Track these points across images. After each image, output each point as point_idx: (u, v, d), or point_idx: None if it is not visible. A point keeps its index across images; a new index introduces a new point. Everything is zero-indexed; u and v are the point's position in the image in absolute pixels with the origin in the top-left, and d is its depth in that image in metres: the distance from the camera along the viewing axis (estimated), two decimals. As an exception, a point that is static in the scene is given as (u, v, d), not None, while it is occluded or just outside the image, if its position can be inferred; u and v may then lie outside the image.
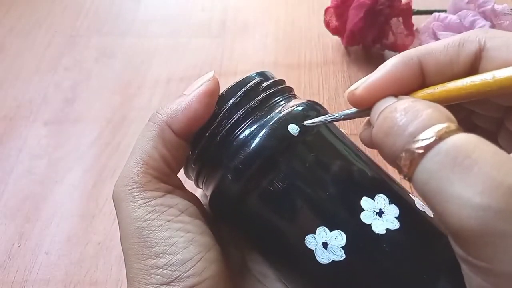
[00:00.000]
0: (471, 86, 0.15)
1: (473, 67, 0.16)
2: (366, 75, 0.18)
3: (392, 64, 0.17)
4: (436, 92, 0.16)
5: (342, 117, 0.19)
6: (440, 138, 0.13)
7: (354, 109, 0.19)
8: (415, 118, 0.14)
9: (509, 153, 0.13)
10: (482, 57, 0.16)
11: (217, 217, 0.23)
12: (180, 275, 0.19)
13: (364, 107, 0.18)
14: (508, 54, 0.15)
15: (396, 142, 0.14)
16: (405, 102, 0.15)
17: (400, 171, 0.15)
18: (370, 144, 0.18)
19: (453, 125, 0.14)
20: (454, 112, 0.15)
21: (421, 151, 0.13)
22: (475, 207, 0.12)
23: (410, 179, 0.14)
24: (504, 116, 0.19)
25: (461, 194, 0.12)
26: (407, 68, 0.17)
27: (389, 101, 0.16)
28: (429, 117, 0.14)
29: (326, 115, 0.20)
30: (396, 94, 0.17)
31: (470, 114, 0.21)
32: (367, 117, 0.18)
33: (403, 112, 0.15)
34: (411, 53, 0.17)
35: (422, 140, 0.13)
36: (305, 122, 0.20)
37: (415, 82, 0.17)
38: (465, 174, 0.12)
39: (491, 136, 0.20)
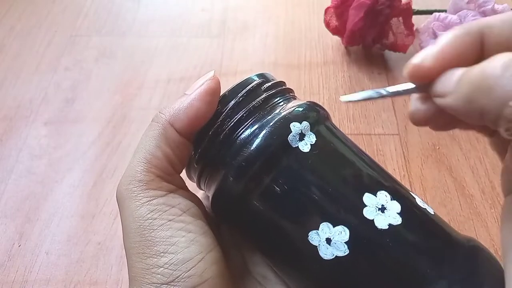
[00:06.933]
0: None
1: None
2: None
3: (454, 35, 0.17)
4: None
5: (390, 94, 0.17)
6: None
7: (407, 85, 0.17)
8: None
9: None
10: None
11: (219, 218, 0.23)
12: (181, 274, 0.19)
13: (428, 80, 0.17)
14: None
15: (505, 90, 0.14)
16: (503, 57, 0.15)
17: (505, 123, 0.14)
18: (424, 120, 0.18)
19: None
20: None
21: None
22: None
23: None
24: None
25: None
26: (471, 38, 0.17)
27: (461, 70, 0.16)
28: None
29: (369, 90, 0.18)
30: (461, 66, 0.16)
31: None
32: (415, 95, 0.17)
33: (507, 63, 0.14)
34: (473, 24, 0.17)
35: None
36: (342, 97, 0.18)
37: (475, 53, 0.17)
38: None
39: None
